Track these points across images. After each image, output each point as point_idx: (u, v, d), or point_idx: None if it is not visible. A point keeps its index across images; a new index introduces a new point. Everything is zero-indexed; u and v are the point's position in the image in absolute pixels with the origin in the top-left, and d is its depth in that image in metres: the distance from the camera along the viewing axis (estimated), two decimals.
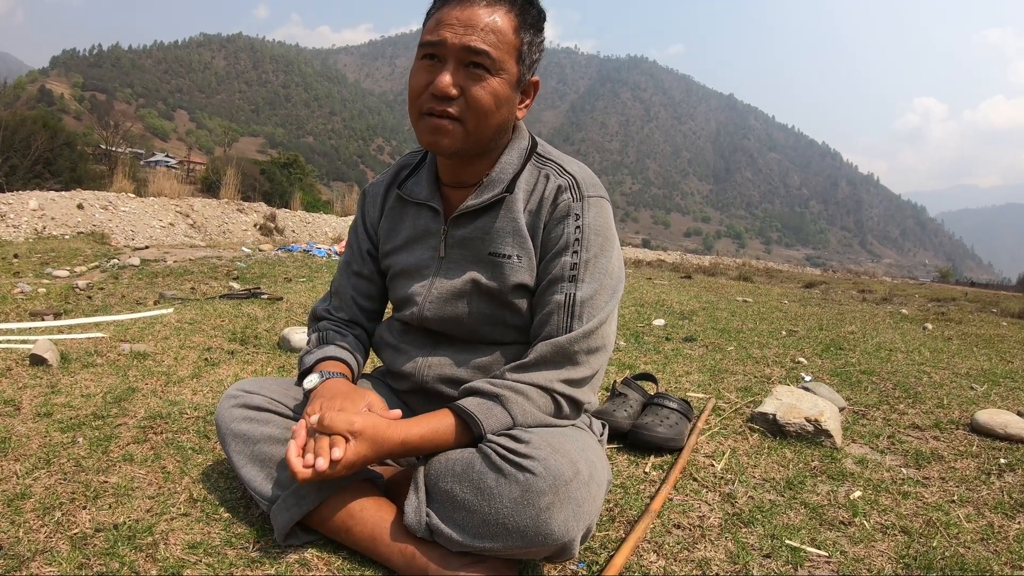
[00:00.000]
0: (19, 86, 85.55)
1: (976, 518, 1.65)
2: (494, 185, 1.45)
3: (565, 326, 1.36)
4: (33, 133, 21.15)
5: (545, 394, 1.33)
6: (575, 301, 1.37)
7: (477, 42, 1.30)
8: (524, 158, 1.48)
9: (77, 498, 1.49)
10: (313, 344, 1.60)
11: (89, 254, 7.68)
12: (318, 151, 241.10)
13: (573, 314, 1.36)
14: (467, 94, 1.33)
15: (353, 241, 1.70)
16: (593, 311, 1.37)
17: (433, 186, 1.54)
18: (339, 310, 1.68)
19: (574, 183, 1.43)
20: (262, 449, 1.39)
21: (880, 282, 16.79)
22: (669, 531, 1.50)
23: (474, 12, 1.32)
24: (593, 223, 1.41)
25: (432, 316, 1.49)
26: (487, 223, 1.45)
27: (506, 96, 1.37)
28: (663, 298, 6.52)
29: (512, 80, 1.37)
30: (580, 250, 1.39)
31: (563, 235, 1.40)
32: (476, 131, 1.36)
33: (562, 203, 1.42)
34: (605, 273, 1.41)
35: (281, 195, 26.46)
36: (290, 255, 9.22)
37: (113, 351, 2.93)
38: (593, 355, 1.38)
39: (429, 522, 1.23)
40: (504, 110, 1.38)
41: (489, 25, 1.32)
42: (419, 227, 1.55)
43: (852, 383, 3.07)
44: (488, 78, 1.33)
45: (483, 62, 1.32)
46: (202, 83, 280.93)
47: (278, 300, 4.74)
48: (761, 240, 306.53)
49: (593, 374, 1.39)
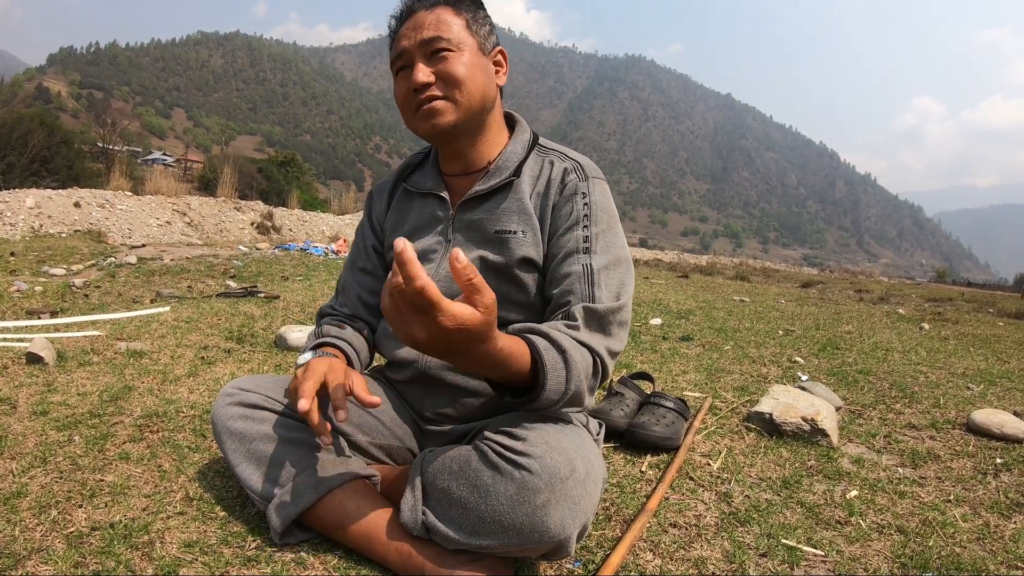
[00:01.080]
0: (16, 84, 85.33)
1: (972, 517, 1.65)
2: (500, 172, 1.52)
3: (588, 294, 1.38)
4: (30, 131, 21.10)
5: (593, 357, 1.31)
6: (592, 270, 1.40)
7: (429, 32, 1.43)
8: (528, 148, 1.57)
9: (73, 496, 1.48)
10: (312, 339, 1.61)
11: (86, 252, 7.68)
12: (315, 149, 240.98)
13: (593, 282, 1.39)
14: (442, 74, 1.44)
15: (359, 239, 1.74)
16: (611, 282, 1.41)
17: (438, 177, 1.61)
18: (343, 306, 1.70)
19: (579, 166, 1.53)
20: (258, 447, 1.39)
21: (877, 282, 16.83)
22: (665, 530, 1.50)
23: (417, 18, 1.46)
24: (600, 201, 1.49)
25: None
26: (494, 205, 1.52)
27: (475, 63, 1.47)
28: (660, 297, 6.52)
29: (474, 49, 1.48)
30: (591, 224, 1.45)
31: (573, 211, 1.47)
32: (465, 100, 1.45)
33: (569, 183, 1.50)
34: (616, 247, 1.46)
35: (278, 194, 26.43)
36: (287, 254, 9.22)
37: (109, 349, 2.92)
38: (623, 329, 1.41)
39: (425, 520, 1.22)
40: (480, 75, 1.48)
41: (432, 19, 1.45)
42: (425, 215, 1.61)
43: (849, 383, 3.08)
44: (451, 53, 1.44)
45: (440, 46, 1.43)
46: (199, 81, 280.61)
47: (275, 299, 4.74)
48: (758, 240, 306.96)
49: (622, 348, 1.42)
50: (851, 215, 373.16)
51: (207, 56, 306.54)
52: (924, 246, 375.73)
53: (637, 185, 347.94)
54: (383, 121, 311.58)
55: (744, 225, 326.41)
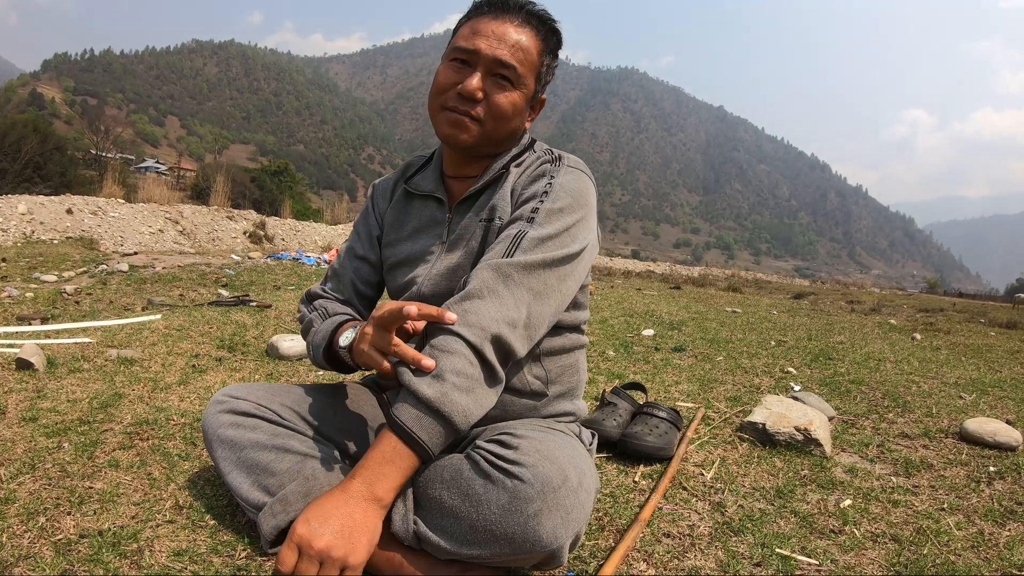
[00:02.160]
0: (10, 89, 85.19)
1: (966, 526, 1.65)
2: (493, 171, 1.54)
3: (506, 253, 1.34)
4: (23, 137, 21.08)
5: (469, 351, 1.22)
6: (523, 236, 1.35)
7: (507, 56, 1.43)
8: (523, 148, 1.59)
9: (62, 504, 1.47)
10: (317, 319, 1.58)
11: (78, 259, 7.65)
12: (309, 159, 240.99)
13: (519, 246, 1.34)
14: (490, 99, 1.44)
15: (361, 227, 1.74)
16: (537, 249, 1.34)
17: (439, 180, 1.62)
18: (335, 291, 1.69)
19: (558, 157, 1.54)
20: (249, 455, 1.37)
21: (869, 293, 16.89)
22: (659, 540, 1.50)
23: (507, 29, 1.44)
24: (565, 183, 1.46)
25: (429, 292, 1.51)
26: (485, 201, 1.53)
27: (522, 108, 1.50)
28: (652, 308, 6.53)
29: (528, 95, 1.51)
30: (546, 200, 1.42)
31: (533, 188, 1.47)
32: (492, 133, 1.48)
33: (541, 168, 1.52)
34: (564, 225, 1.39)
35: (271, 203, 26.44)
36: (279, 263, 9.20)
37: (100, 356, 2.91)
38: (539, 299, 1.33)
39: (417, 530, 1.21)
40: (518, 120, 1.51)
41: (519, 43, 1.45)
42: (424, 217, 1.61)
43: (841, 393, 3.08)
44: (510, 89, 1.46)
45: (509, 75, 1.44)
46: (193, 89, 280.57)
47: (267, 308, 4.72)
48: (750, 251, 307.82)
49: (543, 319, 1.35)
50: (843, 226, 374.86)
51: (201, 64, 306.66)
52: (915, 257, 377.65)
53: (630, 197, 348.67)
54: (376, 131, 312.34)
55: (736, 237, 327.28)
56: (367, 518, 1.13)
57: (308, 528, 1.10)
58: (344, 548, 1.09)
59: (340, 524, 1.11)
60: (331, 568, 1.09)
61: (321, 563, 1.09)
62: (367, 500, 1.14)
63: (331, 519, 1.11)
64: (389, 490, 1.16)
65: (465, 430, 1.21)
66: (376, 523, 1.15)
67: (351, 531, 1.11)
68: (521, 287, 1.30)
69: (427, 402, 1.16)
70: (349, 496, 1.14)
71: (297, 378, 2.81)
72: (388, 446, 1.16)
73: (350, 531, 1.11)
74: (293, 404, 1.49)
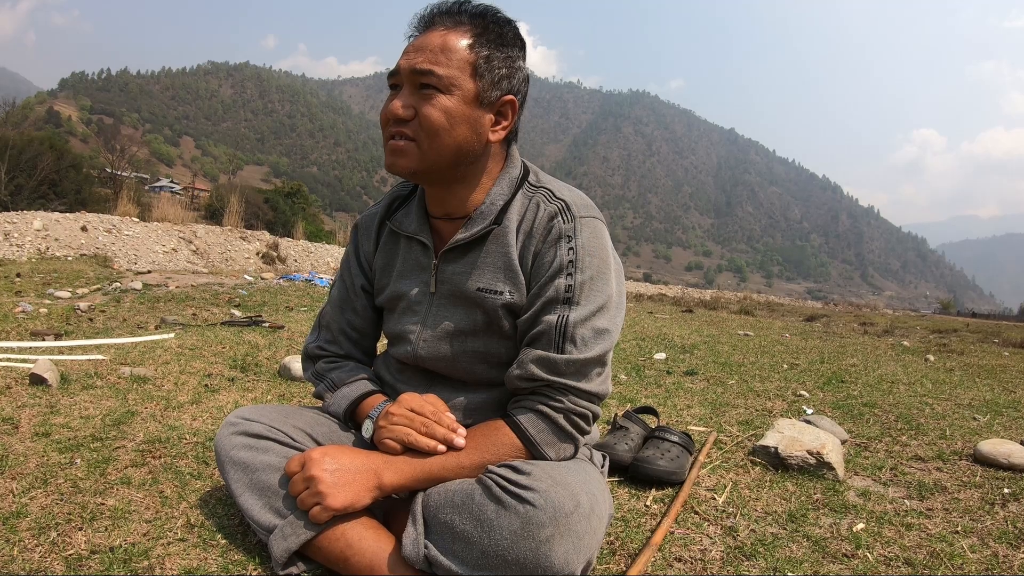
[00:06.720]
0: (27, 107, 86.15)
1: (980, 548, 1.63)
2: (483, 218, 1.45)
3: (557, 346, 1.35)
4: (40, 154, 21.35)
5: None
6: (567, 323, 1.35)
7: (423, 63, 1.34)
8: (515, 187, 1.47)
9: (73, 519, 1.48)
10: (325, 392, 1.61)
11: (91, 276, 7.70)
12: (322, 181, 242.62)
13: (565, 335, 1.34)
14: (419, 114, 1.35)
15: (346, 275, 1.68)
16: (586, 333, 1.35)
17: (423, 219, 1.54)
18: (332, 344, 1.67)
19: (565, 207, 1.42)
20: (261, 477, 1.37)
21: (881, 314, 16.77)
22: (671, 564, 1.48)
23: (428, 38, 1.37)
24: (588, 244, 1.40)
25: (427, 355, 1.50)
26: (476, 257, 1.45)
27: (460, 113, 1.36)
28: (664, 332, 6.51)
29: (468, 97, 1.36)
30: (575, 272, 1.37)
31: (556, 258, 1.39)
32: (431, 150, 1.36)
33: (554, 228, 1.40)
34: (603, 294, 1.39)
35: (284, 224, 26.59)
36: (292, 284, 9.24)
37: (113, 374, 2.92)
38: (599, 374, 1.40)
39: (428, 554, 1.21)
40: (461, 128, 1.37)
41: (439, 46, 1.35)
42: (410, 261, 1.56)
43: (854, 415, 3.06)
44: (437, 96, 1.34)
45: (430, 82, 1.34)
46: (208, 111, 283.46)
47: (279, 328, 4.74)
48: (762, 274, 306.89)
49: (603, 391, 1.40)
50: (855, 248, 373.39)
51: (216, 86, 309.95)
52: (928, 278, 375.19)
53: (641, 220, 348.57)
54: None
55: (748, 259, 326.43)
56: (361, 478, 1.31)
57: (320, 454, 1.31)
58: (328, 487, 1.26)
59: (339, 468, 1.30)
60: (311, 498, 1.27)
61: (307, 487, 1.28)
62: (372, 471, 1.32)
63: (339, 461, 1.32)
64: (393, 482, 1.32)
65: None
66: (364, 494, 1.30)
67: (344, 482, 1.29)
68: (589, 368, 1.37)
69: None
70: (366, 460, 1.34)
71: (309, 399, 2.82)
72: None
73: (344, 481, 1.29)
74: (305, 426, 1.50)
